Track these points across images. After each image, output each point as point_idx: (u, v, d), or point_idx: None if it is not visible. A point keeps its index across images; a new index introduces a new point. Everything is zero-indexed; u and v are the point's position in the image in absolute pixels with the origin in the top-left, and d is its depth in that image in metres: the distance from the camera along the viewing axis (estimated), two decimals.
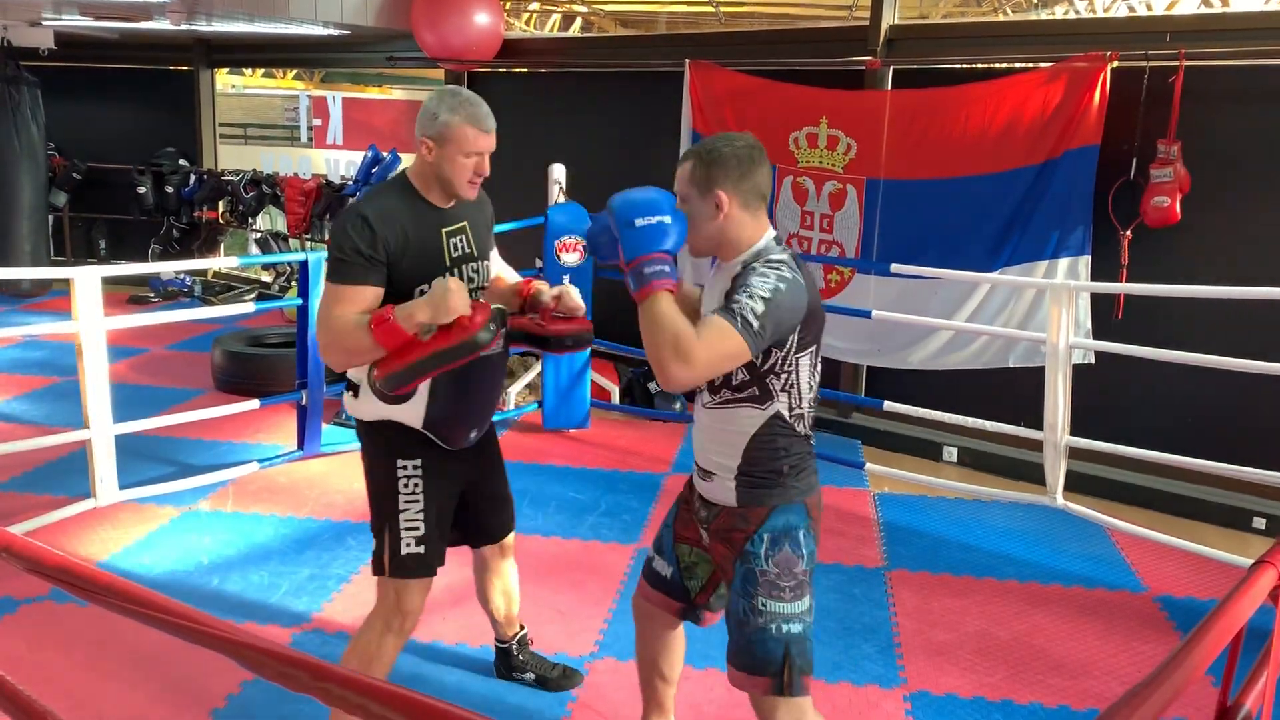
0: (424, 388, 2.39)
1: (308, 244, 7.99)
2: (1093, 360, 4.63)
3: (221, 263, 7.36)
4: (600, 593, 3.70)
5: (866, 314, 4.87)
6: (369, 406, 2.47)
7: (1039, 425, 4.27)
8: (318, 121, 9.74)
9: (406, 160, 8.11)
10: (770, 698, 2.14)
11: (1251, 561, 1.56)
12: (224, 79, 10.88)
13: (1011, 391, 4.92)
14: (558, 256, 5.34)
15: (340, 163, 9.39)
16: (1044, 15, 8.94)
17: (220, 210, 8.80)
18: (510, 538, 2.88)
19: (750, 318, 1.96)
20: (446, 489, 2.56)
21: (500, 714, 2.89)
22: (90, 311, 3.99)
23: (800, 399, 2.15)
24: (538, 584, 3.73)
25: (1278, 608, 1.53)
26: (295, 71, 16.61)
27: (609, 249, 2.11)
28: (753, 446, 2.15)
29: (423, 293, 2.35)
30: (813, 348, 2.15)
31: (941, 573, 3.98)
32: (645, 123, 6.49)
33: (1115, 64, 4.59)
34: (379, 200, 2.39)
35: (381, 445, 2.51)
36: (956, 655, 3.35)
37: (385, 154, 7.55)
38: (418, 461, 2.48)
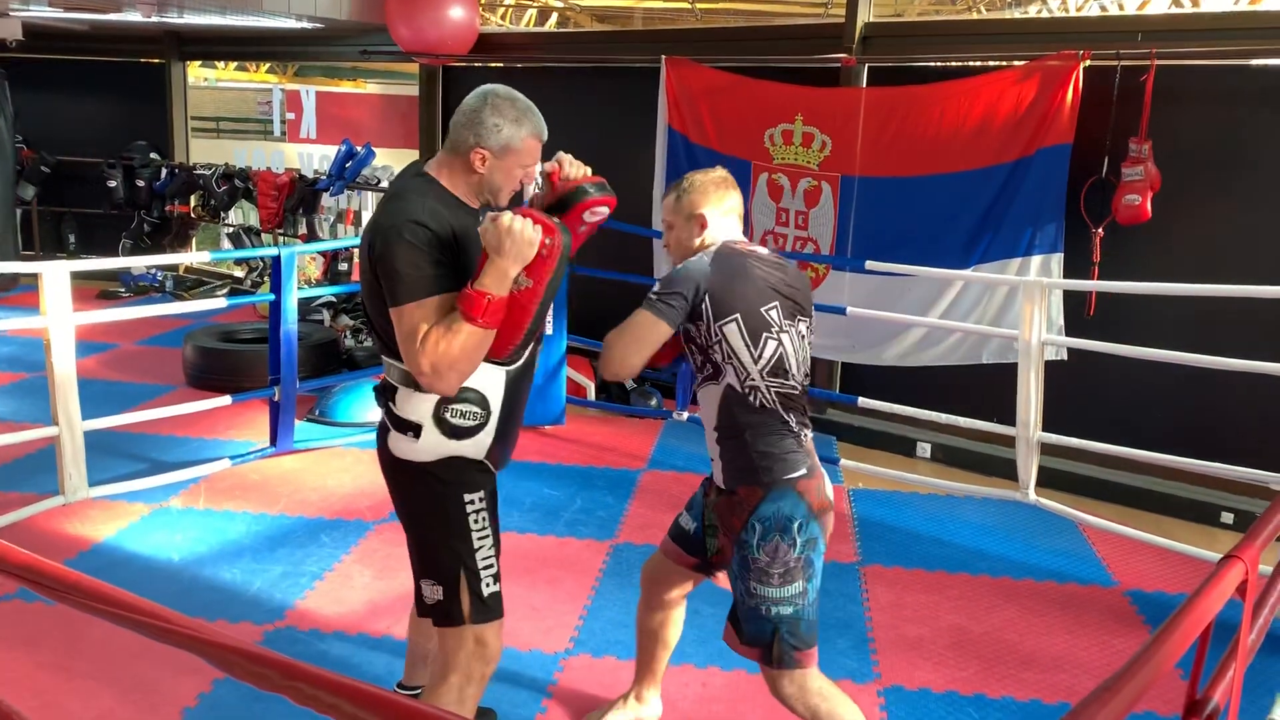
0: (495, 415, 2.24)
1: (280, 239, 7.93)
2: (1065, 357, 4.67)
3: (193, 258, 7.29)
4: (575, 589, 3.69)
5: (841, 310, 4.89)
6: (433, 444, 2.24)
7: (1012, 421, 4.30)
8: (291, 115, 9.66)
9: (382, 155, 8.06)
10: (768, 669, 2.38)
11: (1220, 556, 1.57)
12: (196, 72, 10.77)
13: (985, 388, 4.95)
14: None
15: (314, 157, 9.32)
16: (1018, 14, 9.00)
17: (192, 205, 8.71)
18: None
19: (652, 296, 2.32)
20: (498, 518, 2.39)
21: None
22: (59, 306, 3.94)
23: (746, 371, 2.33)
24: (512, 581, 3.70)
25: (1245, 602, 1.55)
26: (268, 65, 16.45)
27: None
28: (719, 421, 2.38)
29: None
30: (733, 318, 2.31)
31: (915, 568, 4.01)
32: (621, 119, 6.48)
33: (1088, 63, 4.62)
34: (420, 202, 2.15)
35: (442, 484, 2.28)
36: (930, 650, 3.37)
37: (359, 148, 7.51)
38: (481, 494, 2.29)
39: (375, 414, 5.41)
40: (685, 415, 5.49)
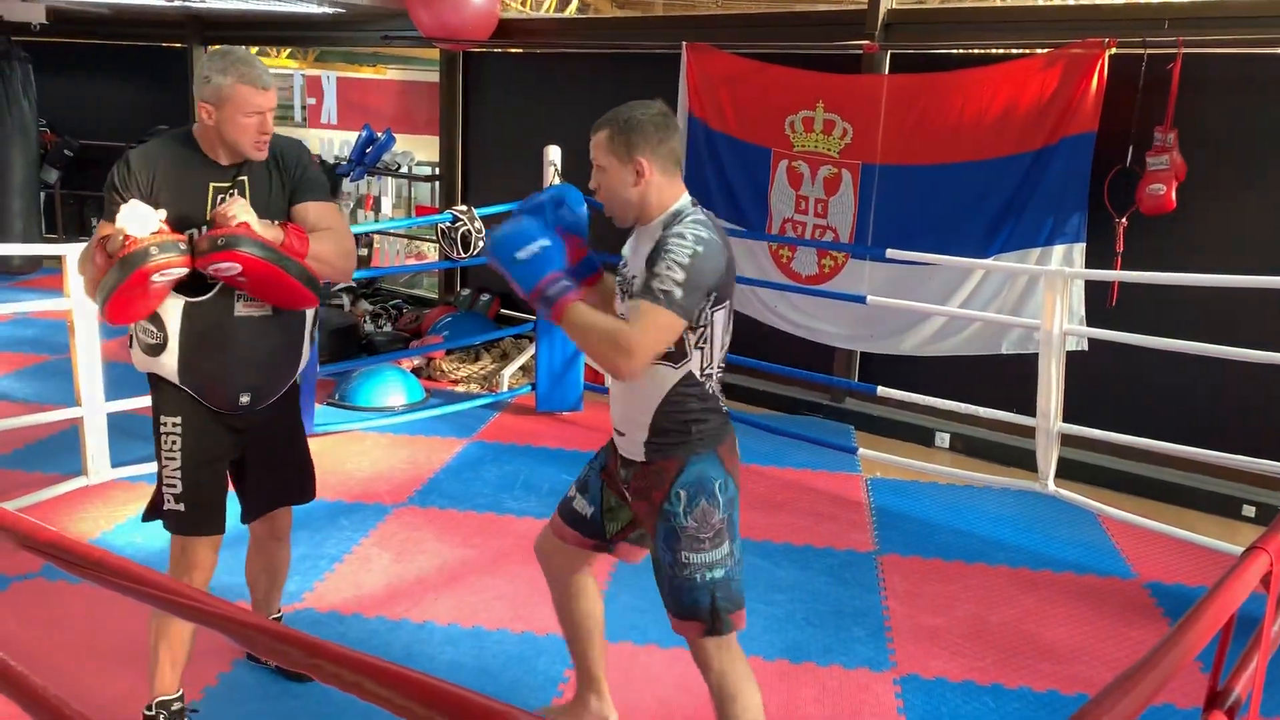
0: (174, 340, 2.43)
1: None
2: (1086, 347, 4.64)
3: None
4: None
5: (861, 299, 4.87)
6: (138, 355, 2.52)
7: (1031, 412, 4.28)
8: (312, 101, 9.67)
9: (402, 141, 8.06)
10: (704, 640, 2.28)
11: (1241, 549, 1.56)
12: None
13: (1004, 378, 4.92)
14: None
15: (334, 142, 9.33)
16: (1042, 1, 8.92)
17: None
18: (285, 519, 2.85)
19: (673, 290, 2.06)
20: (210, 449, 2.54)
21: (492, 692, 2.87)
22: (82, 289, 3.96)
23: (712, 358, 2.23)
24: (529, 565, 3.71)
25: (1270, 594, 1.53)
26: (289, 50, 16.49)
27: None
28: (665, 404, 2.22)
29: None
30: (726, 303, 2.22)
31: (933, 557, 4.00)
32: None
33: (1113, 50, 4.58)
34: (149, 144, 2.45)
35: (152, 399, 2.56)
36: (947, 639, 3.37)
37: (379, 134, 7.52)
38: (178, 419, 2.50)
39: (394, 399, 5.47)
40: None
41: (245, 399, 2.54)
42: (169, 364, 2.46)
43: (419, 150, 9.44)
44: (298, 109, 10.08)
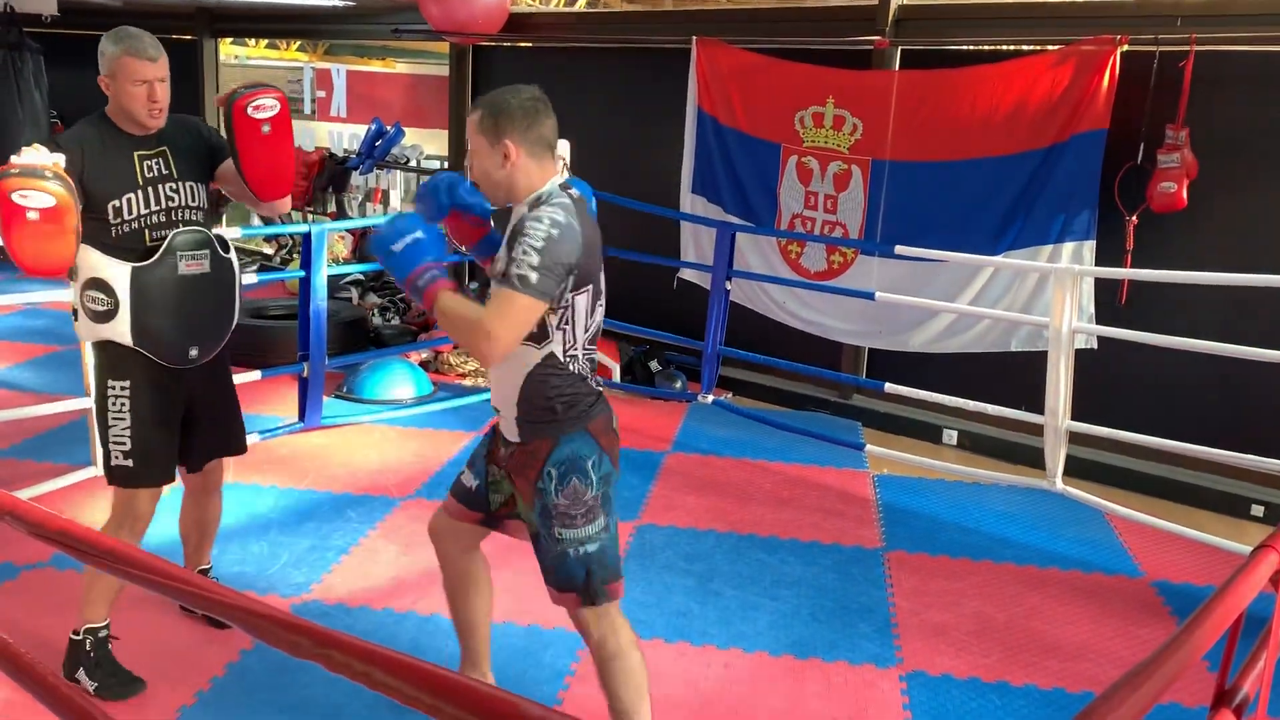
0: (125, 303, 2.63)
1: (310, 216, 7.97)
2: (1095, 345, 4.63)
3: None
4: None
5: (870, 295, 4.86)
6: (85, 325, 2.71)
7: (1040, 409, 4.27)
8: (321, 94, 9.67)
9: (411, 135, 8.06)
10: (582, 610, 2.37)
11: (1249, 548, 1.56)
12: (227, 49, 10.81)
13: (1013, 375, 4.91)
14: None
15: (344, 135, 9.34)
16: None
17: None
18: (219, 473, 3.12)
19: (529, 274, 2.13)
20: (159, 407, 2.77)
21: (499, 683, 2.89)
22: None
23: (575, 339, 2.30)
24: (533, 559, 3.73)
25: (1278, 593, 1.53)
26: (299, 43, 16.50)
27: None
28: (529, 384, 2.30)
29: (115, 209, 2.63)
30: (588, 287, 2.28)
31: (939, 554, 3.99)
32: (651, 100, 6.46)
33: (1125, 48, 4.56)
34: (73, 127, 2.70)
35: (99, 365, 2.75)
36: (953, 636, 3.37)
37: (389, 127, 7.51)
38: (126, 382, 2.71)
39: (402, 392, 5.48)
40: (710, 398, 5.49)
41: (194, 352, 2.80)
42: (121, 328, 2.66)
43: (428, 144, 9.44)
44: (308, 102, 10.08)
